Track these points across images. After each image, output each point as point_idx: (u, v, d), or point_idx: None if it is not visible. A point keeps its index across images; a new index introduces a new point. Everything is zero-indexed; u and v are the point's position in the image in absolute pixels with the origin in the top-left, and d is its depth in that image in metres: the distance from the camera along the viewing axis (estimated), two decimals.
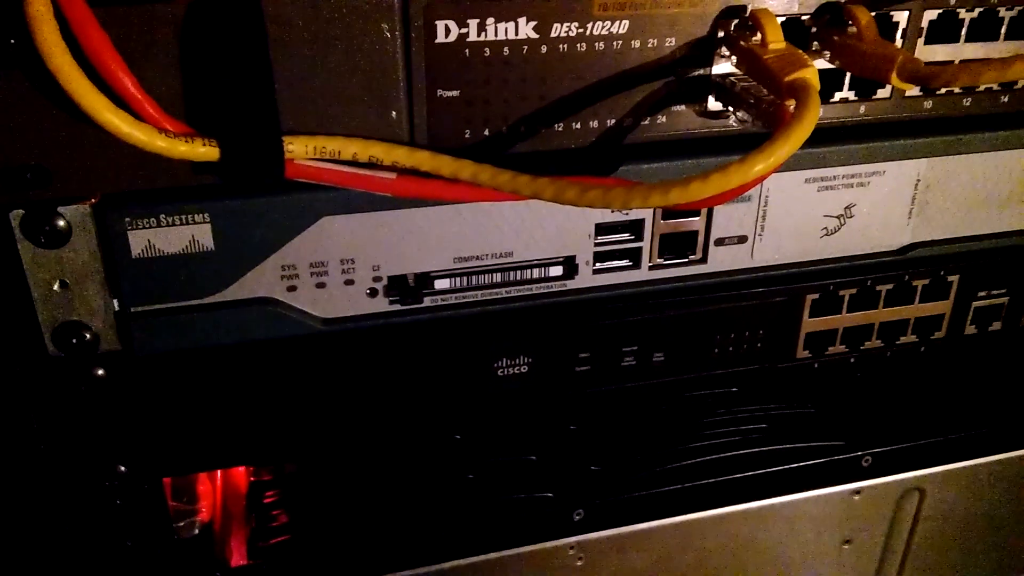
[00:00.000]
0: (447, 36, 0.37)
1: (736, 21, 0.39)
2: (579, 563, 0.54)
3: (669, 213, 0.45)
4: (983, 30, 0.43)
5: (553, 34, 0.38)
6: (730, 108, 0.42)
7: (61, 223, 0.37)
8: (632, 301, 0.47)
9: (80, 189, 0.37)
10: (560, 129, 0.40)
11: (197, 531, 0.51)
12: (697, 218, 0.46)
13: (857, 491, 0.58)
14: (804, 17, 0.41)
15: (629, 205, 0.35)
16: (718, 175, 0.33)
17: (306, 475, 0.54)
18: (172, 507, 0.49)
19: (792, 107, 0.35)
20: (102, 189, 0.37)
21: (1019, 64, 0.35)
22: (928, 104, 0.45)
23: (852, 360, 0.52)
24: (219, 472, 0.55)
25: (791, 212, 0.47)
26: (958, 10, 0.42)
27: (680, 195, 0.33)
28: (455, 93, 0.38)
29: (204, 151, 0.34)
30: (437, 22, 0.37)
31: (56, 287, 0.38)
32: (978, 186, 0.49)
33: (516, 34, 0.38)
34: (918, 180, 0.48)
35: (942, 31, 0.43)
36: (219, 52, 0.34)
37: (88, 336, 0.40)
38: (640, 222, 0.45)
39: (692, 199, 0.33)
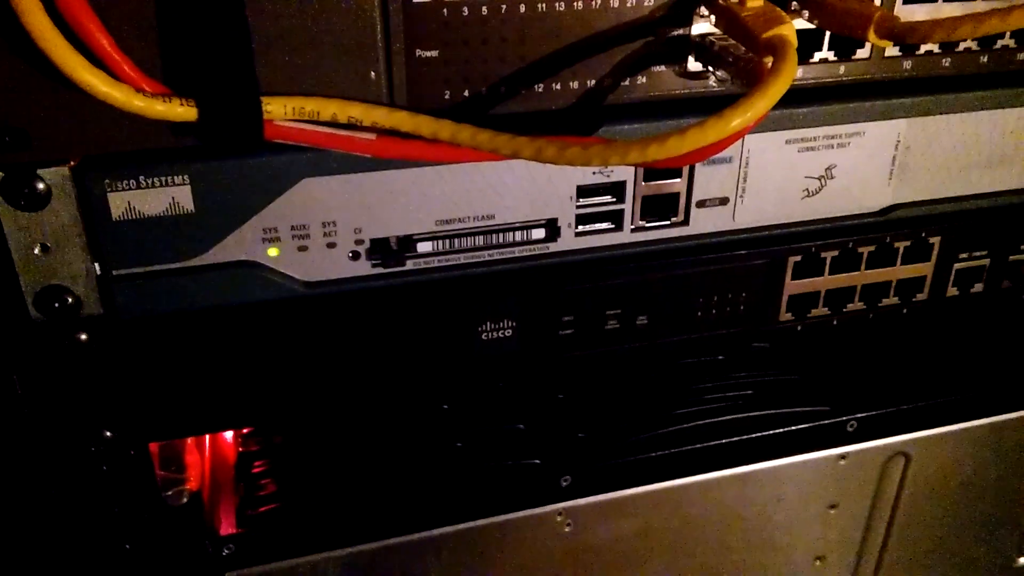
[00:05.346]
0: None
1: None
2: (567, 529, 0.54)
3: (651, 175, 0.45)
4: None
5: None
6: (710, 68, 0.42)
7: (41, 186, 0.37)
8: (615, 264, 0.47)
9: (59, 151, 0.37)
10: (540, 90, 0.40)
11: (185, 500, 0.51)
12: (679, 180, 0.46)
13: (843, 456, 0.58)
14: None
15: (608, 162, 0.35)
16: (695, 130, 0.33)
17: (294, 444, 0.55)
18: (160, 476, 0.50)
19: (770, 64, 0.35)
20: (81, 151, 0.37)
21: (994, 18, 0.35)
22: (908, 64, 0.45)
23: (835, 323, 0.52)
24: (207, 441, 0.55)
25: (772, 173, 0.47)
26: None
27: (658, 151, 0.33)
28: (434, 53, 0.38)
29: (182, 111, 0.35)
30: None
31: (37, 251, 0.38)
32: (958, 147, 0.49)
33: None
34: (898, 141, 0.48)
35: None
36: (196, 12, 0.34)
37: (70, 300, 0.40)
38: (622, 184, 0.45)
39: (670, 155, 0.33)
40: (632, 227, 0.46)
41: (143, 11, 0.34)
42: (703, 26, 0.41)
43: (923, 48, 0.45)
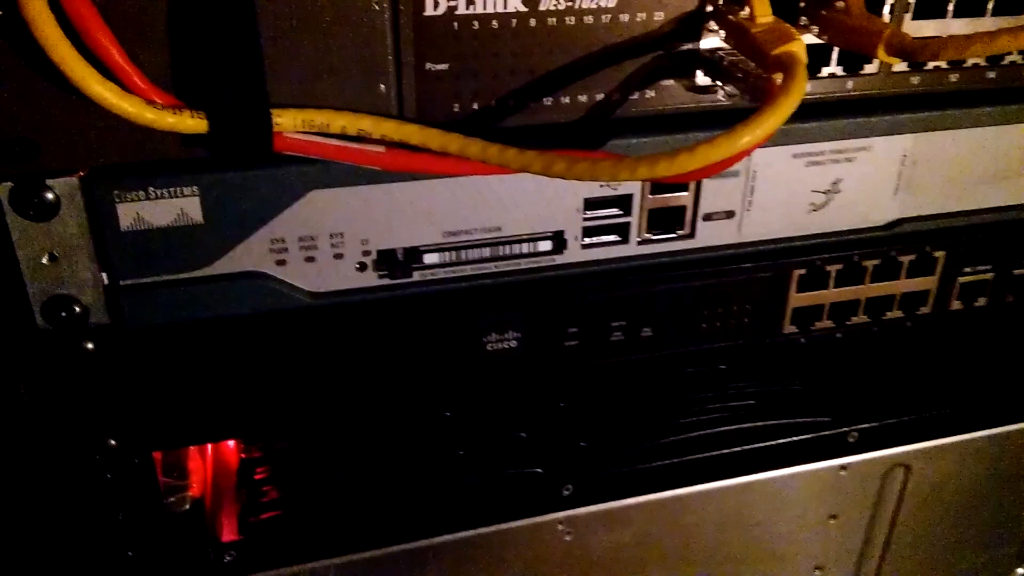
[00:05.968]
0: (436, 9, 0.37)
1: None
2: (568, 538, 0.54)
3: (657, 188, 0.45)
4: (970, 6, 0.43)
5: (542, 7, 0.38)
6: (719, 83, 0.42)
7: (50, 196, 0.37)
8: (621, 276, 0.47)
9: (69, 162, 0.36)
10: (549, 103, 0.40)
11: (188, 506, 0.51)
12: (685, 193, 0.46)
13: (843, 467, 0.58)
14: None
15: (617, 177, 0.35)
16: (705, 147, 0.33)
17: (296, 451, 0.55)
18: (163, 482, 0.50)
19: (779, 80, 0.35)
20: (91, 162, 0.37)
21: (1005, 37, 0.35)
22: (915, 80, 0.45)
23: (839, 336, 0.52)
24: (209, 448, 0.55)
25: (778, 187, 0.47)
26: None
27: (667, 167, 0.33)
28: (444, 66, 0.38)
29: (192, 123, 0.34)
30: None
31: (45, 260, 0.38)
32: (964, 162, 0.49)
33: (505, 7, 0.38)
34: (904, 156, 0.48)
35: (929, 6, 0.43)
36: (207, 24, 0.34)
37: (78, 309, 0.40)
38: (629, 197, 0.45)
39: (679, 171, 0.33)
40: (638, 240, 0.46)
41: (154, 23, 0.34)
42: (712, 41, 0.41)
43: (930, 63, 0.45)
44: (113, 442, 0.43)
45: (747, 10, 0.38)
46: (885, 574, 0.65)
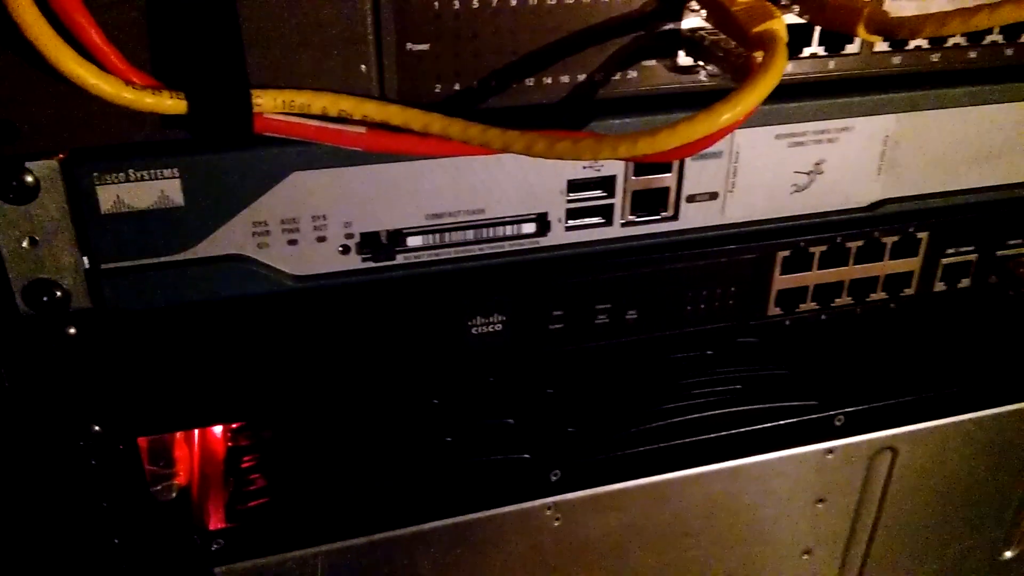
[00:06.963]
0: None
1: None
2: (556, 523, 0.54)
3: (641, 169, 0.45)
4: None
5: None
6: (700, 63, 0.42)
7: (29, 179, 0.37)
8: (605, 258, 0.47)
9: (48, 144, 0.36)
10: (531, 84, 0.40)
11: (174, 494, 0.50)
12: (669, 175, 0.46)
13: (830, 450, 0.58)
14: None
15: (599, 156, 0.35)
16: (685, 124, 0.33)
17: (283, 438, 0.55)
18: (149, 471, 0.49)
19: (760, 58, 0.35)
20: (70, 144, 0.37)
21: (983, 13, 0.35)
22: (897, 59, 0.45)
23: (823, 318, 0.53)
24: (196, 436, 0.55)
25: (761, 168, 0.47)
26: None
27: (648, 145, 0.33)
28: (425, 47, 0.38)
29: (171, 104, 0.34)
30: None
31: (25, 244, 0.38)
32: (947, 142, 0.49)
33: None
34: (887, 136, 0.48)
35: None
36: (186, 4, 0.34)
37: (59, 294, 0.39)
38: (612, 178, 0.45)
39: (660, 149, 0.33)
40: (622, 222, 0.46)
41: (132, 3, 0.34)
42: (694, 20, 0.41)
43: (912, 43, 0.45)
44: (97, 428, 0.43)
45: None
46: (873, 557, 0.65)
